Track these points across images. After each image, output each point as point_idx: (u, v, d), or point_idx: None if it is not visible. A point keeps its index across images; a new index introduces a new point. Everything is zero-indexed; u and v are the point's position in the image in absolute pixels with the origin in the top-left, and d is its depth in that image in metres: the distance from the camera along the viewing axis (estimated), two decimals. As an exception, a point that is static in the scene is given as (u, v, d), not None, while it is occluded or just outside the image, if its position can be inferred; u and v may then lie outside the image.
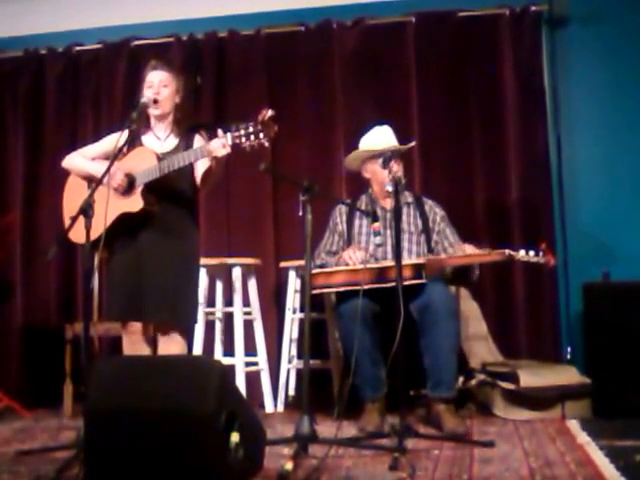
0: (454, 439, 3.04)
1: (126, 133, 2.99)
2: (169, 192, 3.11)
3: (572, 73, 4.39)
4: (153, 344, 3.25)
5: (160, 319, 3.12)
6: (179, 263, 3.11)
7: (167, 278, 3.06)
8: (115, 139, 3.12)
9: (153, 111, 3.17)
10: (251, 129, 2.83)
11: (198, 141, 3.20)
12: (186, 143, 3.19)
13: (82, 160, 3.26)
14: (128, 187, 3.05)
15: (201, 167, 3.11)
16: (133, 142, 3.14)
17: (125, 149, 3.06)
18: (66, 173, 3.33)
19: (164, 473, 2.22)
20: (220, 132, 2.91)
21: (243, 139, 2.83)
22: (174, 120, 3.24)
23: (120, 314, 3.13)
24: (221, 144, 2.89)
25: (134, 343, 3.17)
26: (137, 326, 3.16)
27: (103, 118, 4.73)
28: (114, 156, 2.89)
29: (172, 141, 3.21)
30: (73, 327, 4.20)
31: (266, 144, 2.84)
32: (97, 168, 3.14)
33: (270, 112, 2.83)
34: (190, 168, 3.12)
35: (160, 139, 3.22)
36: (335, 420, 3.38)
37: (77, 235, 2.81)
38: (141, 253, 3.09)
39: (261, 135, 2.82)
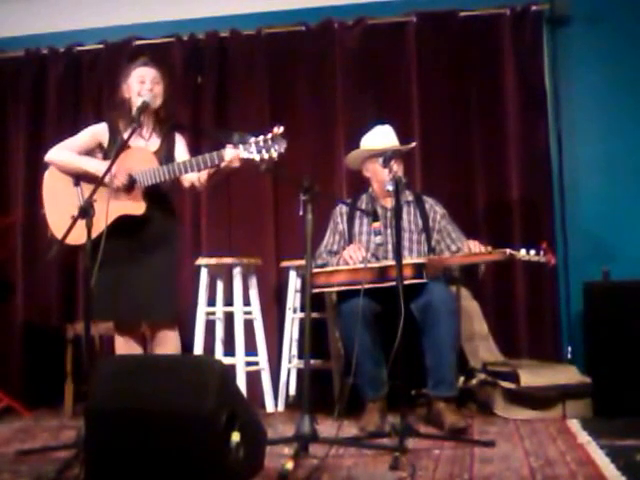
0: (455, 437, 3.05)
1: (104, 127, 3.07)
2: (158, 194, 3.12)
3: (573, 72, 4.39)
4: (143, 343, 3.27)
5: (153, 319, 3.14)
6: (167, 263, 3.14)
7: (157, 279, 3.08)
8: (94, 132, 3.21)
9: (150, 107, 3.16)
10: (262, 143, 2.87)
11: (179, 141, 3.24)
12: (168, 143, 3.20)
13: (73, 156, 3.14)
14: (128, 188, 3.05)
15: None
16: (115, 141, 3.12)
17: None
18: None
19: (165, 473, 2.22)
20: (230, 144, 2.94)
21: (255, 152, 2.88)
22: (157, 119, 3.22)
23: (110, 314, 3.14)
24: (234, 156, 2.92)
25: (128, 341, 3.17)
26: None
27: (104, 118, 4.72)
28: (115, 155, 2.86)
29: (155, 141, 3.21)
30: (74, 327, 4.21)
31: (275, 158, 2.89)
32: (94, 165, 3.09)
33: (281, 128, 2.88)
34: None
35: (144, 138, 3.21)
36: (336, 420, 3.37)
37: (72, 237, 2.66)
38: (131, 254, 3.09)
39: (272, 149, 2.87)
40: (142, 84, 3.15)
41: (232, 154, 2.92)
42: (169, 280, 3.16)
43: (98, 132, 3.22)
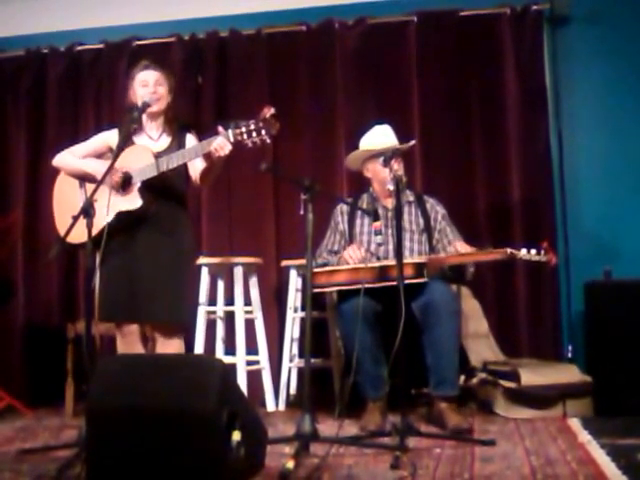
0: (456, 437, 3.04)
1: (115, 132, 3.04)
2: (164, 189, 3.12)
3: (573, 72, 4.39)
4: (147, 343, 3.26)
5: (157, 319, 3.12)
6: (174, 262, 3.12)
7: (163, 278, 3.07)
8: (104, 138, 3.24)
9: (151, 108, 3.16)
10: (253, 126, 2.83)
11: (190, 139, 3.22)
12: (179, 142, 3.20)
13: (74, 158, 3.24)
14: (124, 185, 3.06)
15: (198, 163, 3.11)
16: (125, 143, 3.14)
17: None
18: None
19: (165, 472, 2.22)
20: (221, 130, 2.91)
21: (245, 136, 2.84)
22: (166, 119, 3.25)
23: (115, 315, 3.13)
24: (222, 142, 2.89)
25: (129, 344, 3.17)
26: (133, 327, 3.17)
27: (104, 118, 4.73)
28: (115, 155, 2.88)
29: (165, 140, 3.23)
30: (75, 326, 4.20)
31: (268, 140, 2.85)
32: (93, 166, 3.14)
33: (272, 110, 2.84)
34: (184, 164, 3.13)
35: (153, 139, 3.23)
36: (336, 419, 3.38)
37: (73, 236, 2.75)
38: (136, 252, 3.09)
39: (263, 132, 2.82)
40: (145, 87, 3.18)
41: (220, 140, 2.89)
42: (174, 279, 3.12)
43: (108, 137, 3.27)
